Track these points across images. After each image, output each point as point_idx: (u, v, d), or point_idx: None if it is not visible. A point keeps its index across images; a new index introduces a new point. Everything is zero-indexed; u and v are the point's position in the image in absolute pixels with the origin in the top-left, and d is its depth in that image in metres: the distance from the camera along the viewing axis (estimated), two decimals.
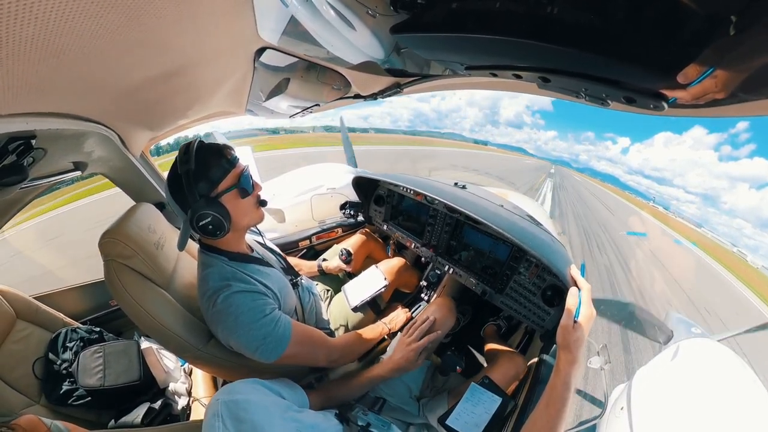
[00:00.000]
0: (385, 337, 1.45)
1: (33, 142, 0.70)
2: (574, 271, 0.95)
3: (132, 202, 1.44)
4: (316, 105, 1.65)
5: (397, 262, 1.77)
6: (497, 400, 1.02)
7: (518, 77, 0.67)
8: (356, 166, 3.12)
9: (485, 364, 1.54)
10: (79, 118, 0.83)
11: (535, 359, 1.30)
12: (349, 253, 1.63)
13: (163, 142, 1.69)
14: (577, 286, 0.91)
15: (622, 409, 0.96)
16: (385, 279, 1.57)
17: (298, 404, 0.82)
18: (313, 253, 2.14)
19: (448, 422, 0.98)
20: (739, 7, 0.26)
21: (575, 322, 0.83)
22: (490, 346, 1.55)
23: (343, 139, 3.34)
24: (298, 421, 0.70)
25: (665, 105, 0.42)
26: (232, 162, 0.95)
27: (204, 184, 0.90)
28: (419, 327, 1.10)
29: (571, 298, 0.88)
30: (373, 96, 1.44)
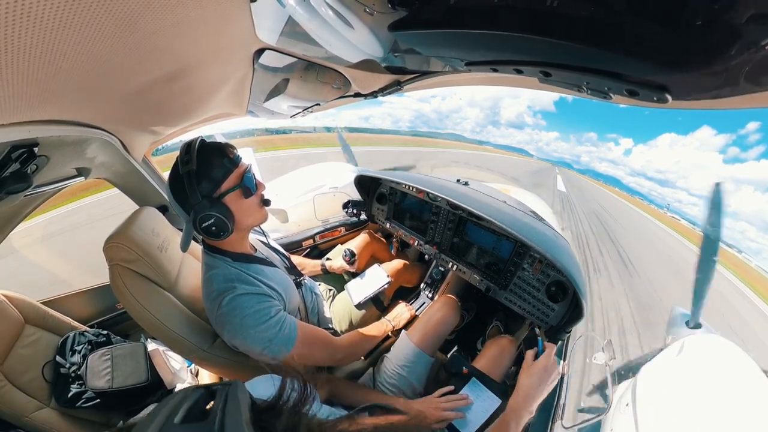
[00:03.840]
0: (390, 334, 1.45)
1: (36, 149, 0.70)
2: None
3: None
4: (316, 104, 1.65)
5: (399, 262, 1.78)
6: (497, 402, 1.01)
7: (519, 72, 0.66)
8: (357, 165, 3.17)
9: None
10: (80, 124, 0.83)
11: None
12: (352, 254, 1.64)
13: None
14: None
15: (627, 405, 0.95)
16: (388, 276, 1.57)
17: None
18: (316, 253, 2.15)
19: None
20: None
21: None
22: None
23: (342, 144, 3.62)
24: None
25: (669, 98, 0.41)
26: (235, 161, 0.93)
27: (206, 184, 0.89)
28: (457, 402, 1.02)
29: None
30: (374, 94, 1.43)
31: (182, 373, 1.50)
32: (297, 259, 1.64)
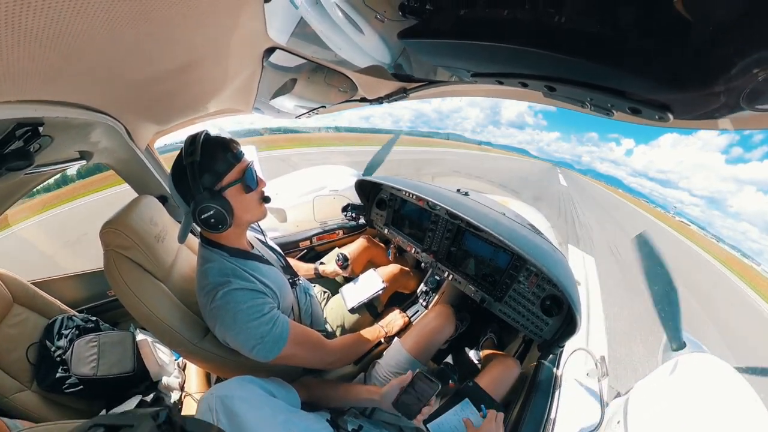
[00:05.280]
0: (382, 340, 1.44)
1: (40, 129, 0.70)
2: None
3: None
4: (322, 106, 1.66)
5: (395, 267, 1.77)
6: None
7: (524, 85, 0.67)
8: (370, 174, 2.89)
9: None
10: (87, 108, 0.83)
11: (533, 364, 1.29)
12: (345, 258, 1.63)
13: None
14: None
15: (618, 423, 0.95)
16: (383, 282, 1.56)
17: (289, 403, 0.82)
18: (313, 254, 2.14)
19: (429, 426, 0.97)
20: (740, 22, 0.26)
21: None
22: (485, 353, 1.55)
23: (384, 148, 2.81)
24: (290, 422, 0.70)
25: (671, 116, 0.42)
26: (238, 156, 0.95)
27: (208, 176, 0.89)
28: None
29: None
30: (379, 100, 1.44)
31: (169, 366, 1.49)
32: (291, 262, 1.64)
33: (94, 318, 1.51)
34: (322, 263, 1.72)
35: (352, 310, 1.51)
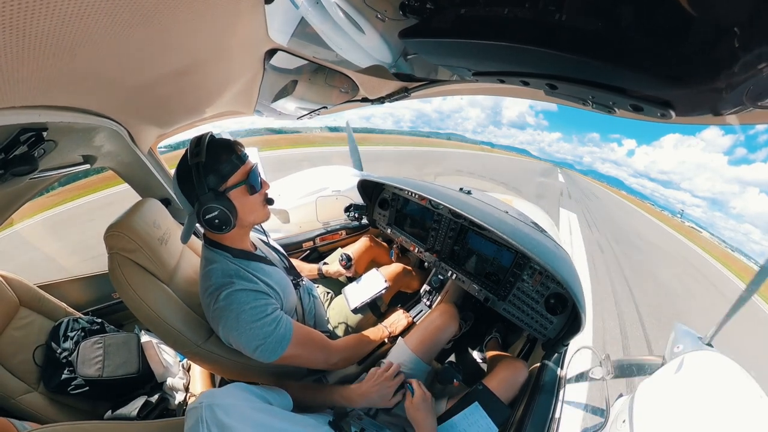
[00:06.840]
0: (386, 340, 1.44)
1: (44, 134, 0.71)
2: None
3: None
4: (323, 107, 1.67)
5: (398, 266, 1.77)
6: (493, 431, 1.01)
7: (525, 84, 0.67)
8: (362, 169, 3.15)
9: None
10: (90, 112, 0.84)
11: (537, 365, 1.28)
12: (348, 258, 1.63)
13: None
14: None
15: (624, 422, 0.94)
16: (386, 281, 1.56)
17: (283, 408, 0.81)
18: (316, 255, 2.15)
19: (438, 428, 0.96)
20: (742, 18, 0.26)
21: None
22: (491, 354, 1.54)
23: (350, 143, 3.33)
24: (286, 430, 0.69)
25: (673, 113, 0.41)
26: (242, 158, 0.95)
27: (213, 177, 0.90)
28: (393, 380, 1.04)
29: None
30: (381, 100, 1.44)
31: (174, 367, 1.49)
32: (294, 263, 1.64)
33: (99, 320, 1.52)
34: (325, 263, 1.73)
35: (355, 310, 1.51)
